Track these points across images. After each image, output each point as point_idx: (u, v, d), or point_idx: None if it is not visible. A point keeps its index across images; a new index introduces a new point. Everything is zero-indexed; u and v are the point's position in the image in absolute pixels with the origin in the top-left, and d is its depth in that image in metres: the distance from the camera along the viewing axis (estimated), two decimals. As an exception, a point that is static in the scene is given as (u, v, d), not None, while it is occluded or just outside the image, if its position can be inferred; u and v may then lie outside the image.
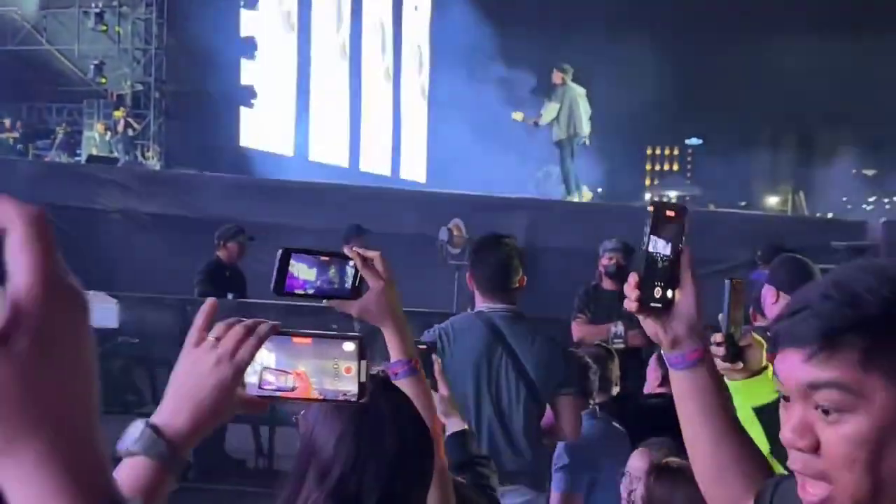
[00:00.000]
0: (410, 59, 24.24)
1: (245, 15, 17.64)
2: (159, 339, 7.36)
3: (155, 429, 1.13)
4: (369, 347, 1.29)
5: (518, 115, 12.47)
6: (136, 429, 1.14)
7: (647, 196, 24.30)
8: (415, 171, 23.69)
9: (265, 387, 1.25)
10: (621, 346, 5.41)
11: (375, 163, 22.30)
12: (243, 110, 17.85)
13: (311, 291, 1.71)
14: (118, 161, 14.13)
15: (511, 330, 3.67)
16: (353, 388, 1.28)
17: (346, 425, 1.60)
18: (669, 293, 1.41)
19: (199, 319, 1.22)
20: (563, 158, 11.96)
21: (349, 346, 1.28)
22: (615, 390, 4.39)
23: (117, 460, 1.10)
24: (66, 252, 0.61)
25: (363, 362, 1.28)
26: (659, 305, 1.41)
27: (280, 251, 1.67)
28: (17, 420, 0.58)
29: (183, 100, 17.17)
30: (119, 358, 7.56)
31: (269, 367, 1.26)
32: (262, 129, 18.21)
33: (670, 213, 1.40)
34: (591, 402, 4.07)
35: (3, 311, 0.57)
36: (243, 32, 17.56)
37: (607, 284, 6.10)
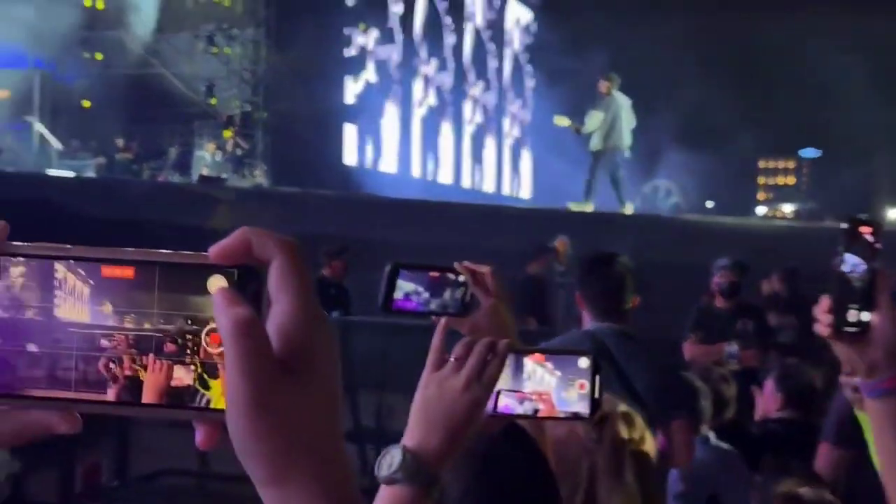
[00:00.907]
0: (513, 73, 24.23)
1: (350, 34, 17.90)
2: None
3: (414, 455, 1.13)
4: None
5: (562, 120, 12.19)
6: (393, 456, 1.14)
7: (761, 210, 23.63)
8: (519, 187, 23.62)
9: (504, 410, 1.26)
10: (736, 366, 5.22)
11: (478, 179, 22.31)
12: (347, 128, 18.09)
13: (419, 309, 1.65)
14: (227, 180, 14.44)
15: (622, 351, 3.52)
16: (584, 406, 1.27)
17: (474, 479, 1.48)
18: (865, 316, 1.30)
19: (437, 341, 1.24)
20: (595, 168, 11.70)
21: (584, 363, 1.27)
22: (730, 413, 4.21)
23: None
24: None
25: (597, 378, 1.27)
26: (855, 330, 1.30)
27: (388, 266, 1.60)
28: (291, 449, 0.58)
29: (289, 119, 17.46)
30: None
31: (505, 390, 1.26)
32: (367, 147, 18.41)
33: (865, 229, 1.30)
34: (705, 426, 3.91)
35: (277, 340, 0.58)
36: (347, 52, 17.81)
37: (720, 303, 5.92)
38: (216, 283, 0.59)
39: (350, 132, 18.17)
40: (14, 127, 16.58)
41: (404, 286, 1.61)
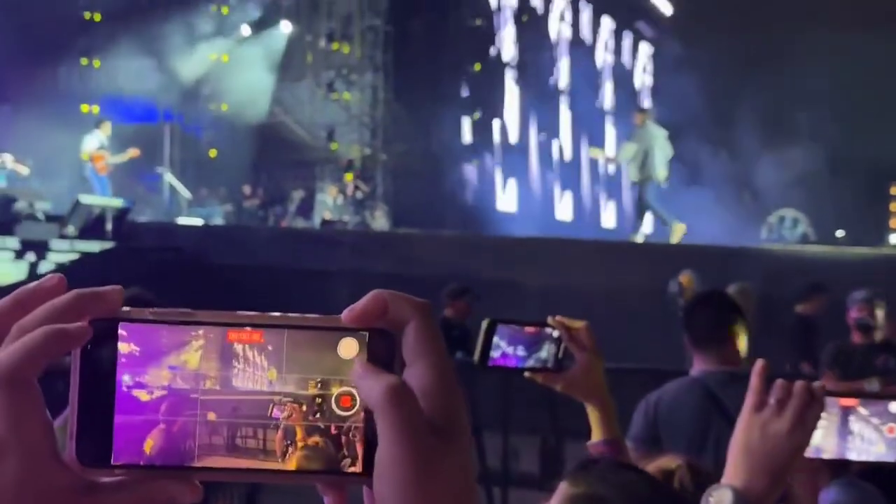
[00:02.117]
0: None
1: (466, 76, 18.09)
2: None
3: (743, 495, 1.19)
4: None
5: (596, 152, 12.60)
6: (722, 495, 1.20)
7: (895, 239, 22.67)
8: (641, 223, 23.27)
9: (815, 453, 1.31)
10: (878, 406, 4.93)
11: (598, 215, 22.12)
12: (466, 168, 18.21)
13: (515, 365, 1.63)
14: (348, 223, 14.69)
15: (730, 395, 3.16)
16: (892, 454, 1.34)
17: None
18: None
19: (756, 382, 1.26)
20: (640, 198, 12.05)
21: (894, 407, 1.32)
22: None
23: None
24: (296, 311, 0.60)
25: None
26: None
27: (485, 322, 1.60)
28: None
29: (408, 161, 17.72)
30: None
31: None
32: (486, 186, 18.48)
33: None
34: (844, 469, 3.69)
35: (423, 404, 0.58)
36: (464, 93, 17.97)
37: (857, 338, 5.64)
38: (347, 345, 0.59)
39: (468, 172, 18.28)
40: (146, 178, 17.31)
41: (501, 342, 1.61)
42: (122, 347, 0.58)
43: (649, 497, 1.44)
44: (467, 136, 18.12)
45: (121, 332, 0.58)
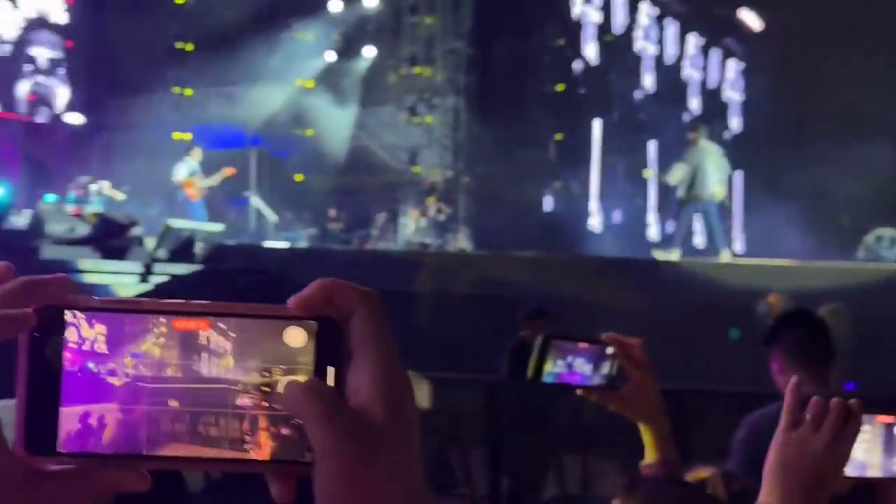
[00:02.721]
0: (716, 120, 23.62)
1: (549, 97, 18.02)
2: (469, 420, 7.38)
3: None
4: None
5: (648, 174, 12.44)
6: None
7: None
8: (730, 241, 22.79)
9: (853, 472, 1.26)
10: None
11: (690, 235, 21.71)
12: (550, 189, 18.10)
13: (569, 381, 1.60)
14: (431, 246, 14.71)
15: None
16: None
17: None
18: None
19: (791, 400, 1.23)
20: (681, 217, 11.99)
21: None
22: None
23: None
24: None
25: None
26: None
27: (539, 338, 1.58)
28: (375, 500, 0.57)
29: (491, 183, 17.70)
30: (432, 438, 7.66)
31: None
32: (570, 208, 18.32)
33: None
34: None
35: (357, 393, 0.58)
36: (547, 114, 17.89)
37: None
38: (294, 334, 0.59)
39: (552, 193, 18.17)
40: (234, 202, 17.64)
41: (555, 359, 1.59)
42: (74, 335, 0.57)
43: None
44: (551, 156, 18.01)
45: (76, 319, 0.57)
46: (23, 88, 20.67)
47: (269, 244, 15.04)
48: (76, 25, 21.81)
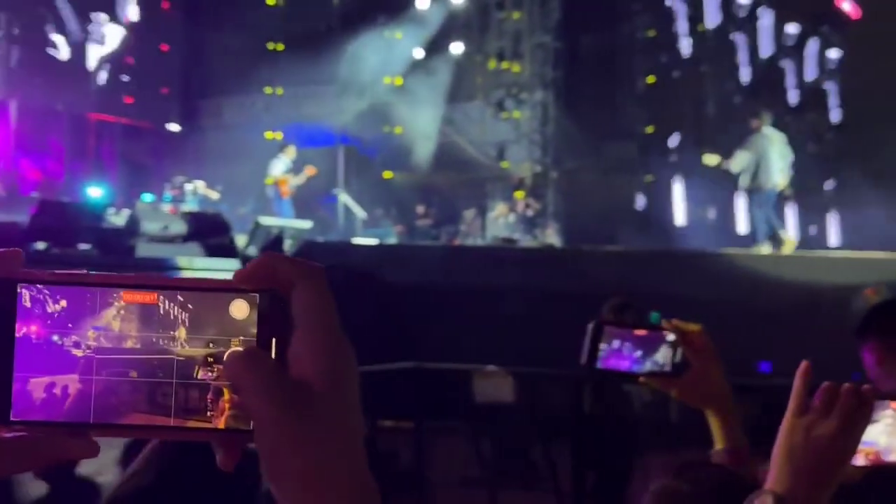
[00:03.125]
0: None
1: (639, 90, 17.76)
2: (553, 414, 7.32)
3: (781, 501, 1.14)
4: None
5: (710, 159, 12.11)
6: (764, 501, 1.15)
7: None
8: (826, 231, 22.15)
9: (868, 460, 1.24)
10: None
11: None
12: (639, 183, 17.85)
13: (626, 369, 1.55)
14: (519, 241, 14.64)
15: None
16: None
17: None
18: None
19: (799, 385, 1.21)
20: (751, 207, 11.74)
21: None
22: None
23: None
24: (467, 328, 0.55)
25: None
26: None
27: (591, 324, 1.54)
28: (316, 467, 0.58)
29: (580, 177, 17.55)
30: (515, 433, 7.63)
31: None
32: (660, 201, 18.04)
33: None
34: None
35: (298, 362, 0.59)
36: (637, 106, 17.64)
37: None
38: (239, 306, 0.60)
39: (642, 187, 17.91)
40: (323, 200, 17.86)
41: (609, 345, 1.54)
42: (27, 306, 0.59)
43: (720, 489, 1.42)
44: (640, 150, 17.75)
45: (32, 291, 0.59)
46: (120, 93, 21.29)
47: (357, 241, 15.17)
48: (170, 29, 22.37)
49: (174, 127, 22.86)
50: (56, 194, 16.87)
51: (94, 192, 16.89)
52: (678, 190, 18.76)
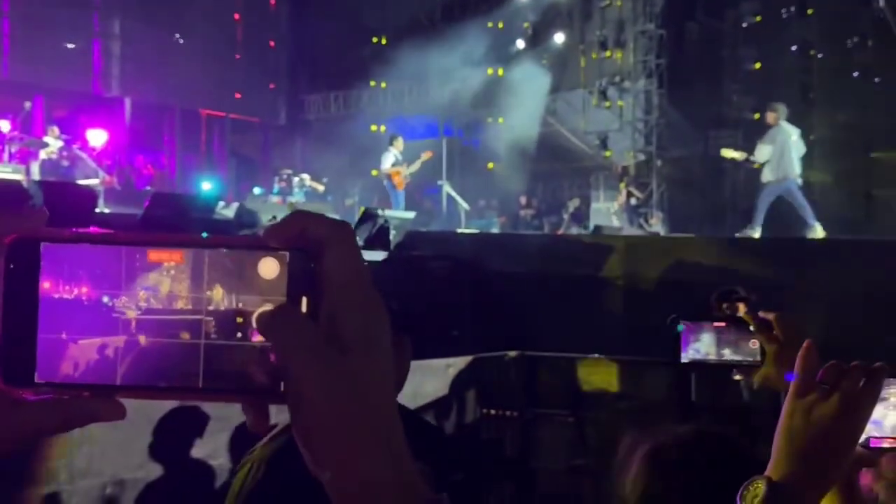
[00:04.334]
0: None
1: (745, 76, 17.37)
2: (656, 404, 7.27)
3: (780, 488, 1.07)
4: None
5: (730, 153, 12.47)
6: (757, 487, 1.09)
7: None
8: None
9: (876, 444, 1.17)
10: None
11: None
12: (745, 171, 17.45)
13: (709, 360, 1.56)
14: (622, 229, 14.52)
15: None
16: None
17: None
18: None
19: (802, 363, 1.13)
20: (763, 197, 11.95)
21: None
22: None
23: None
24: (574, 317, 0.60)
25: None
26: None
27: (670, 318, 1.55)
28: (352, 424, 0.58)
29: (685, 166, 17.29)
30: (619, 420, 7.60)
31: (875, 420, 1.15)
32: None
33: None
34: None
35: (330, 319, 0.59)
36: (742, 94, 17.27)
37: None
38: (268, 265, 0.59)
39: (747, 175, 17.51)
40: (427, 191, 18.03)
41: (690, 337, 1.56)
42: (53, 266, 0.58)
43: (709, 451, 1.46)
44: (746, 137, 17.35)
45: (56, 251, 0.58)
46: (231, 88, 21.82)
47: (461, 231, 15.27)
48: (277, 25, 22.83)
49: (281, 121, 23.35)
50: (169, 188, 17.45)
51: (206, 185, 17.39)
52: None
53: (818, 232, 11.96)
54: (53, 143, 14.44)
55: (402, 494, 0.59)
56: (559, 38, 19.41)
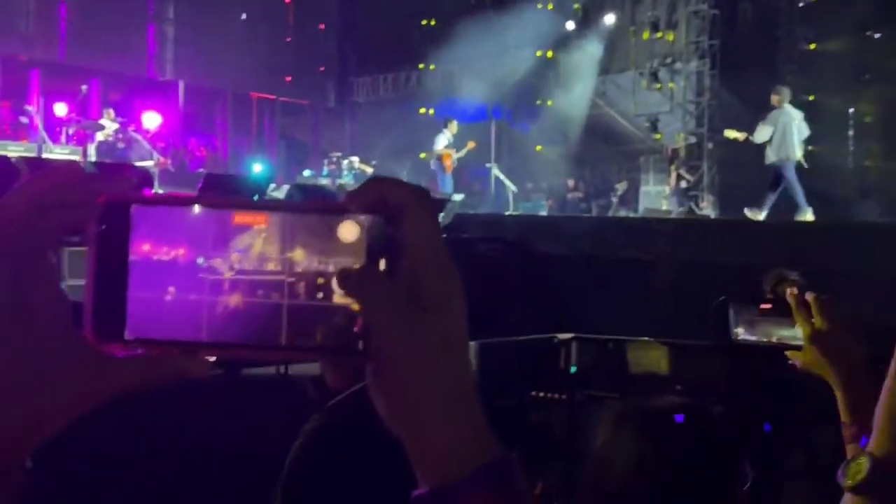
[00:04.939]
0: None
1: (800, 56, 17.09)
2: (706, 386, 7.23)
3: (883, 464, 1.06)
4: None
5: (732, 133, 12.81)
6: (860, 464, 1.08)
7: None
8: None
9: None
10: None
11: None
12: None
13: (757, 341, 1.58)
14: (671, 212, 14.42)
15: None
16: None
17: None
18: None
19: None
20: (773, 181, 12.13)
21: None
22: None
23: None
24: (622, 300, 0.64)
25: None
26: None
27: (719, 300, 1.57)
28: (429, 379, 0.61)
29: (737, 148, 17.05)
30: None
31: None
32: (821, 171, 17.33)
33: None
34: None
35: (409, 281, 0.61)
36: (797, 74, 16.99)
37: None
38: (348, 228, 0.62)
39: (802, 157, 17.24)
40: (476, 173, 18.03)
41: (738, 320, 1.57)
42: (142, 226, 0.61)
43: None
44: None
45: (144, 212, 0.61)
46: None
47: (509, 214, 15.27)
48: (326, 8, 22.89)
49: (331, 104, 23.47)
50: (221, 170, 17.65)
51: (256, 167, 17.58)
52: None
53: (808, 215, 12.15)
54: (109, 125, 14.68)
55: (479, 450, 0.62)
56: (609, 19, 19.25)
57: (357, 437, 1.48)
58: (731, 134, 12.98)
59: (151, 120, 17.14)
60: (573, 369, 7.46)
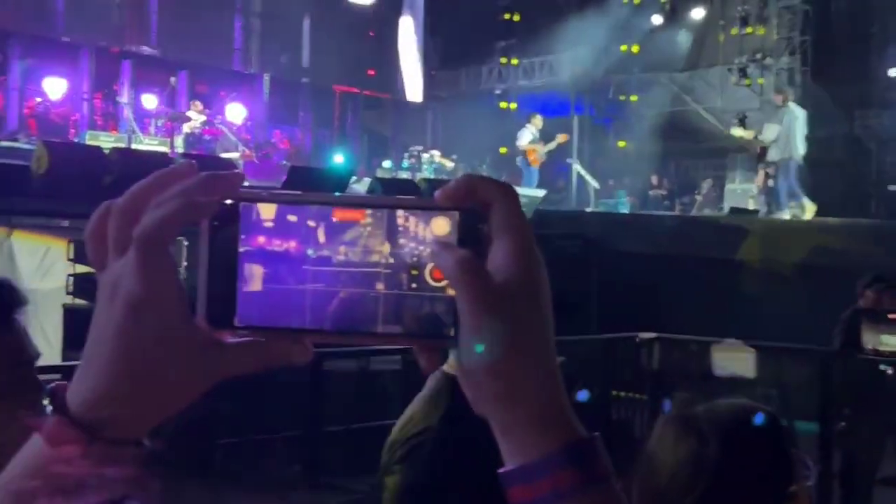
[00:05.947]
0: None
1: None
2: (797, 391, 7.03)
3: None
4: None
5: (738, 131, 13.36)
6: None
7: None
8: None
9: None
10: None
11: None
12: (891, 152, 16.71)
13: (880, 352, 1.50)
14: (758, 212, 14.09)
15: None
16: None
17: None
18: None
19: None
20: (777, 176, 12.49)
21: None
22: None
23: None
24: (706, 300, 0.60)
25: None
26: None
27: (848, 311, 1.49)
28: (518, 367, 0.64)
29: (829, 147, 16.61)
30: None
31: None
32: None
33: None
34: None
35: (498, 274, 0.63)
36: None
37: None
38: (439, 223, 0.66)
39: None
40: (558, 169, 17.88)
41: (867, 330, 1.49)
42: (251, 222, 0.66)
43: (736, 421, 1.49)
44: (893, 117, 16.56)
45: (254, 208, 0.66)
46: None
47: (590, 210, 15.11)
48: (409, 1, 22.94)
49: (410, 97, 23.53)
50: (304, 162, 17.82)
51: (338, 158, 17.70)
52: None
53: (808, 212, 12.51)
54: (196, 117, 14.93)
55: (564, 430, 0.65)
56: (698, 13, 18.91)
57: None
58: (737, 132, 13.29)
59: (236, 112, 17.39)
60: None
